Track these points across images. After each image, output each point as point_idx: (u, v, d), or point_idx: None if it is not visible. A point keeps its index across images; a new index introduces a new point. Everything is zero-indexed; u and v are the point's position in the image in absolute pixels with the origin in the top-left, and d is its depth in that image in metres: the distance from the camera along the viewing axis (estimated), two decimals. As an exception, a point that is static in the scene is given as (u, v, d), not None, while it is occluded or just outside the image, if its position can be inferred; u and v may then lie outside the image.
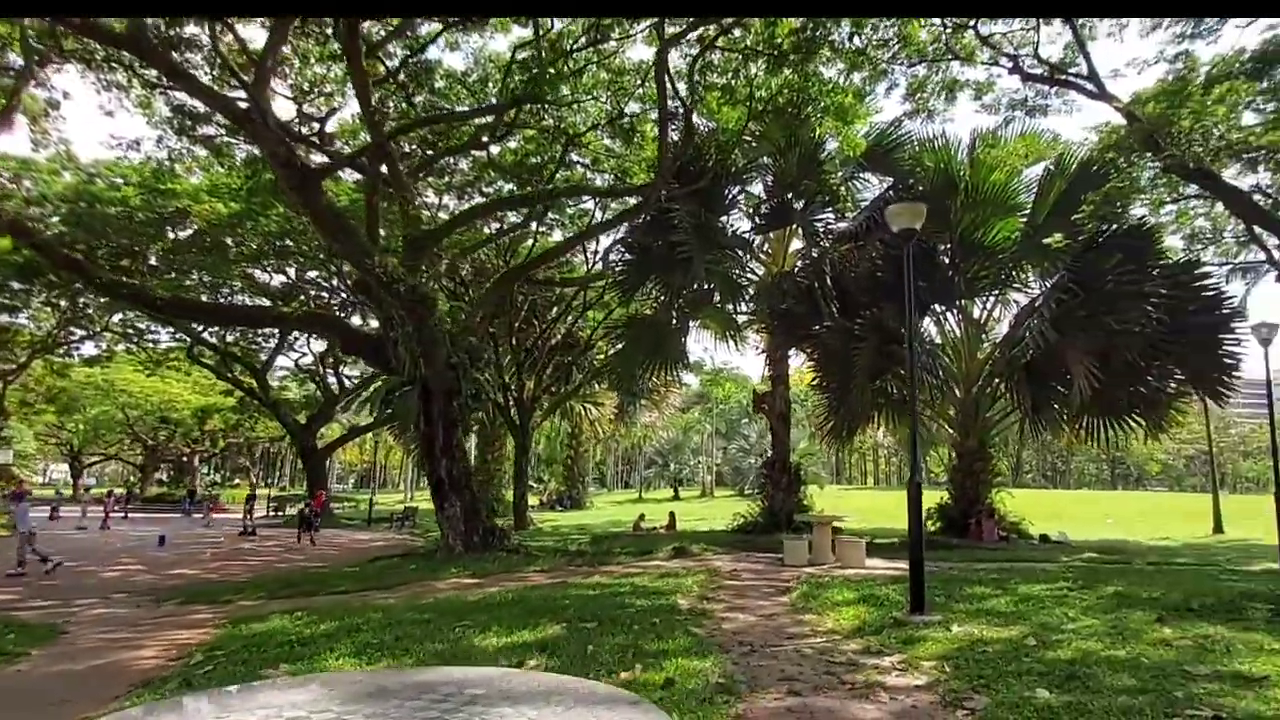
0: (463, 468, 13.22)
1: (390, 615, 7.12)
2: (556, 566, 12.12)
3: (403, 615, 7.05)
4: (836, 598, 8.08)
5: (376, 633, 6.21)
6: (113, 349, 40.88)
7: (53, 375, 42.07)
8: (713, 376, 43.29)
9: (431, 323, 12.34)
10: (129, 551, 17.82)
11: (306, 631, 6.54)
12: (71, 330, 37.34)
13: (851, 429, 19.28)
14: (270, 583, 11.16)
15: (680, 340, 21.36)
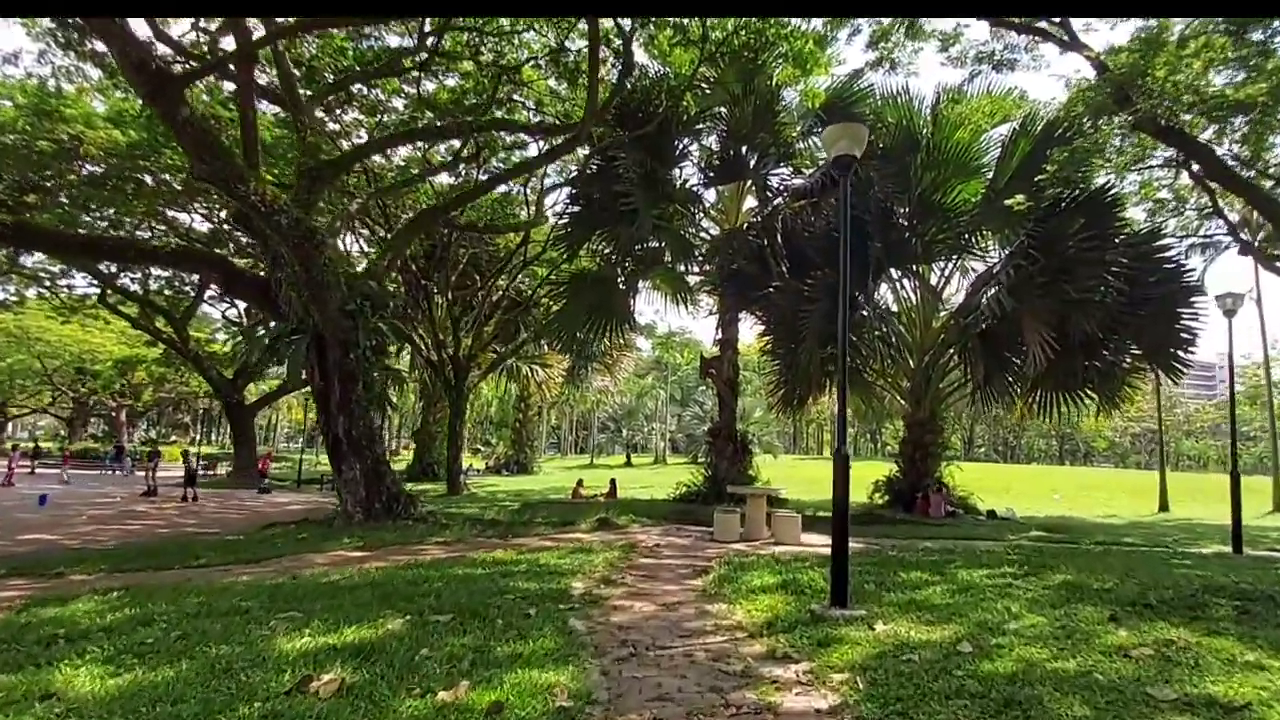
0: (363, 427, 12.01)
1: (209, 601, 5.97)
2: (462, 538, 11.05)
3: (221, 602, 5.91)
4: (755, 582, 7.15)
5: (169, 627, 5.07)
6: (22, 293, 38.32)
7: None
8: (664, 340, 42.34)
9: (322, 262, 11.02)
10: (13, 509, 16.33)
11: (92, 622, 5.37)
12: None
13: (802, 397, 18.44)
14: (127, 553, 9.89)
15: (627, 300, 20.21)
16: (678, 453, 62.74)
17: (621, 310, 19.97)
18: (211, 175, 9.83)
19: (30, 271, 35.94)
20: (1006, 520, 17.11)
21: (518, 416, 42.00)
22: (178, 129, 9.71)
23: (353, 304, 11.46)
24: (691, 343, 49.06)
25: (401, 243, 13.70)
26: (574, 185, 19.65)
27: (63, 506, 17.81)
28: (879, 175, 16.20)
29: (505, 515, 14.49)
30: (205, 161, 9.77)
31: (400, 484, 12.70)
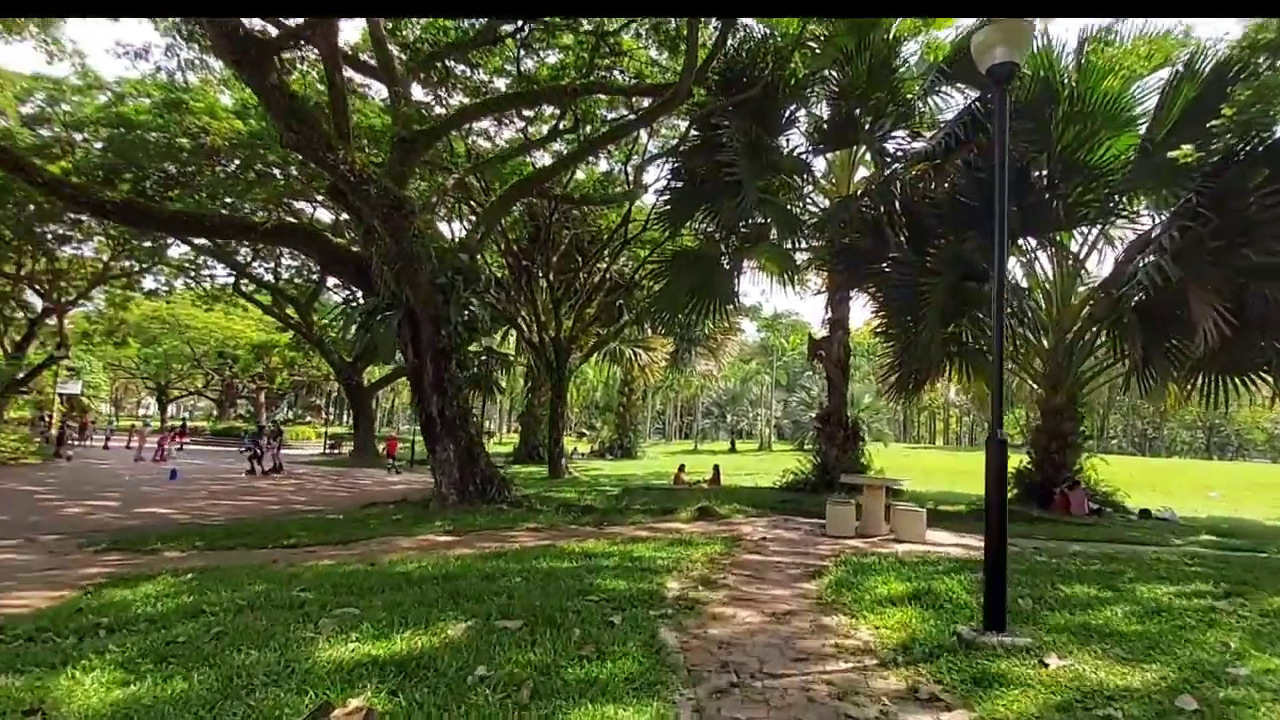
0: (457, 406, 11.50)
1: (270, 591, 5.39)
2: (554, 525, 10.34)
3: (281, 593, 5.30)
4: (880, 590, 5.99)
5: (214, 622, 4.47)
6: (171, 283, 40.97)
7: (114, 307, 42.46)
8: (770, 323, 40.72)
9: (411, 234, 10.50)
10: (132, 485, 16.97)
11: (144, 610, 4.87)
12: (132, 263, 37.28)
13: (919, 381, 16.76)
14: (227, 530, 9.72)
15: (731, 279, 19.04)
16: (783, 439, 60.91)
17: (725, 290, 18.81)
18: (299, 143, 9.49)
19: (176, 262, 38.40)
20: (1165, 521, 14.95)
21: (621, 401, 41.54)
22: (266, 96, 9.40)
23: (443, 277, 10.93)
24: (798, 324, 47.18)
25: (495, 215, 13.09)
26: (675, 158, 18.61)
27: (190, 481, 18.48)
28: (1012, 132, 14.33)
29: (602, 501, 13.75)
30: (293, 129, 9.42)
31: (495, 466, 12.15)
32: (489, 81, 20.15)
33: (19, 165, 10.56)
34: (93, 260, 36.74)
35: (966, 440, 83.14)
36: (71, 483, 16.57)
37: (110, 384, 71.12)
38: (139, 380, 72.87)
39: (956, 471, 28.54)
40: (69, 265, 36.64)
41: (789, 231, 18.02)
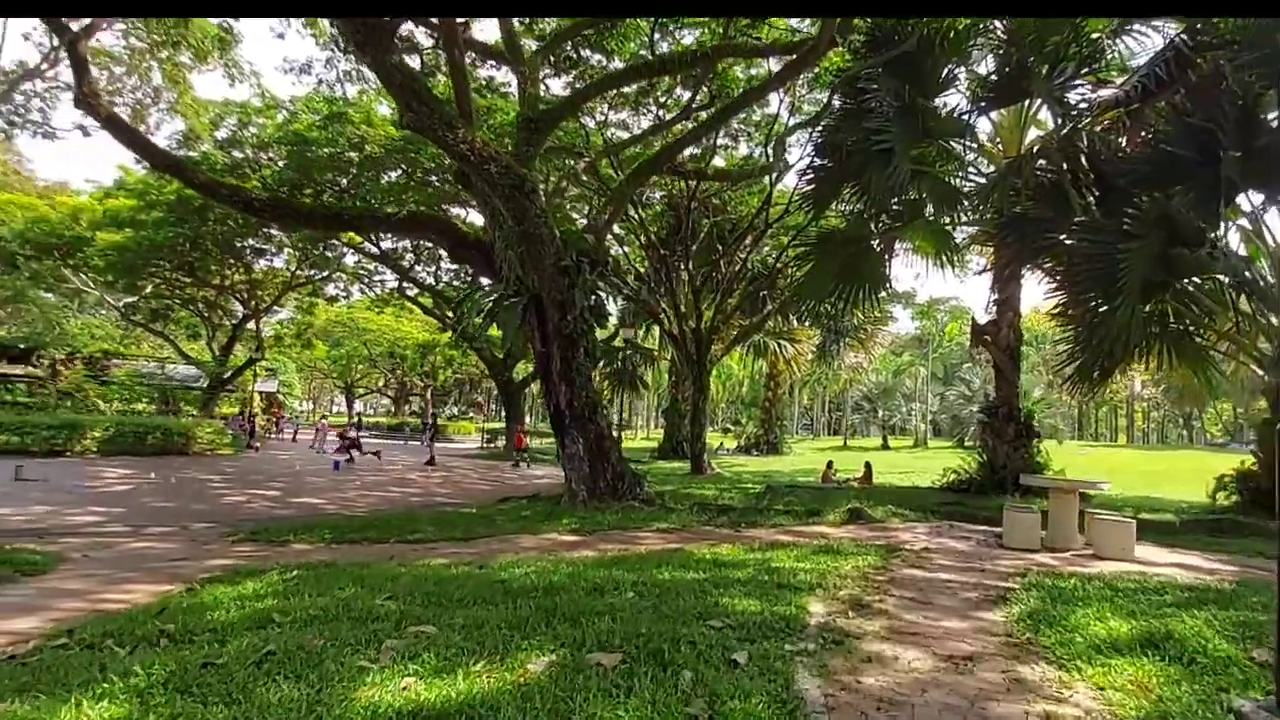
0: (586, 397, 10.76)
1: (356, 598, 4.71)
2: (686, 526, 9.34)
3: (367, 601, 4.61)
4: (1093, 628, 4.50)
5: (276, 637, 3.81)
6: (349, 289, 43.91)
7: (301, 313, 46.07)
8: (925, 310, 37.59)
9: (534, 214, 9.83)
10: (298, 475, 17.68)
11: (222, 616, 4.34)
12: (313, 271, 40.21)
13: (1107, 368, 14.16)
14: (359, 522, 9.47)
15: (882, 263, 17.21)
16: (940, 435, 56.62)
17: (875, 275, 16.95)
18: (420, 123, 9.08)
19: (352, 270, 41.10)
20: None
21: (767, 395, 39.88)
22: (386, 76, 9.08)
23: (568, 260, 10.22)
24: (957, 310, 43.13)
25: (625, 194, 12.24)
26: (818, 133, 17.04)
27: (349, 472, 19.15)
28: (1231, 66, 11.73)
29: (742, 500, 12.60)
30: (413, 110, 9.03)
31: (626, 461, 11.32)
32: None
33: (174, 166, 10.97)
34: (283, 271, 40.02)
35: (1155, 438, 74.11)
36: (246, 472, 17.52)
37: (304, 383, 77.90)
38: (329, 379, 79.47)
39: (1151, 473, 24.88)
40: (264, 276, 40.14)
41: (947, 205, 15.93)
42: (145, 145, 11.07)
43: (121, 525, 9.02)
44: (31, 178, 42.95)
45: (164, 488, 13.02)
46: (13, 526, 8.58)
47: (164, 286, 38.40)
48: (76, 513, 9.78)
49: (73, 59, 10.45)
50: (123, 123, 11.50)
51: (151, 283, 37.24)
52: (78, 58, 10.42)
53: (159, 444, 20.68)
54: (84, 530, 8.62)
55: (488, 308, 10.91)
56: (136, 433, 20.30)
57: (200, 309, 41.75)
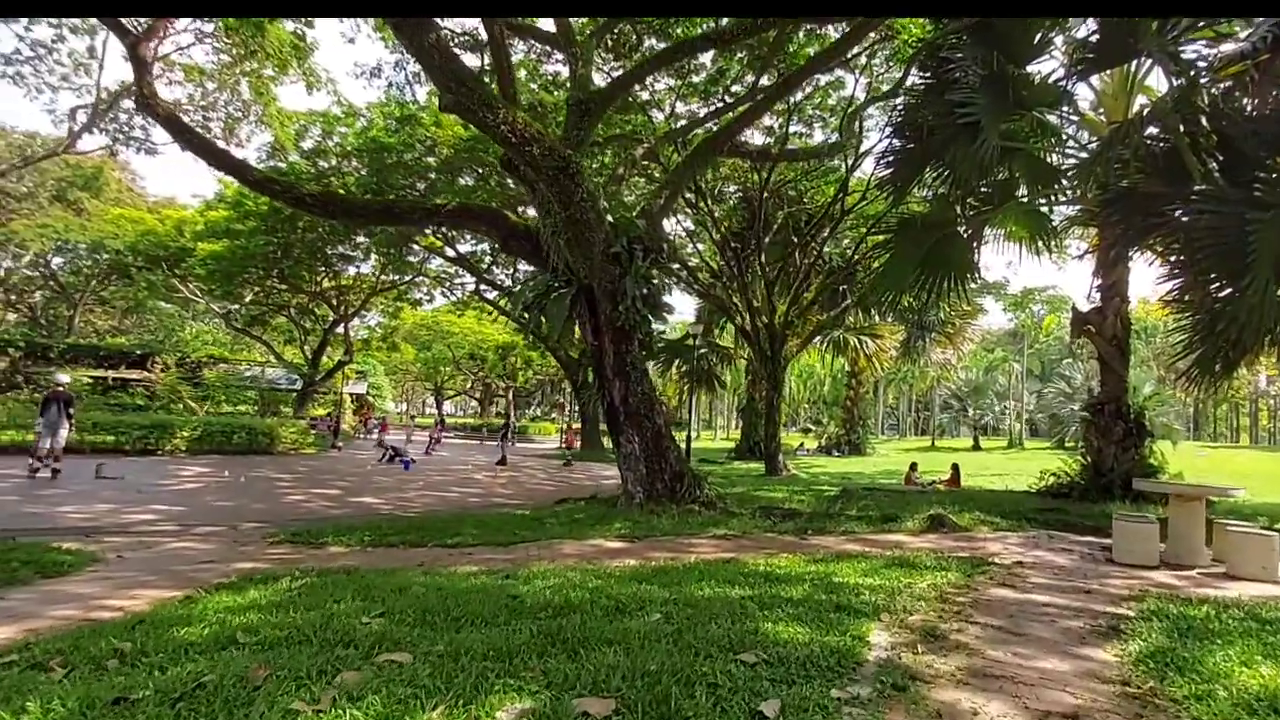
0: (642, 393, 10.06)
1: (339, 617, 4.13)
2: (746, 532, 8.50)
3: (349, 622, 4.01)
4: (1245, 678, 3.49)
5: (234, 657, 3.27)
6: (431, 293, 44.78)
7: (387, 317, 47.30)
8: (1019, 300, 35.17)
9: (580, 198, 9.20)
10: (366, 474, 17.69)
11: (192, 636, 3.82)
12: (397, 276, 41.17)
13: (1231, 360, 12.48)
14: (403, 524, 9.05)
15: (970, 250, 15.82)
16: (1037, 436, 53.16)
17: (962, 262, 15.54)
18: (458, 105, 8.62)
19: (434, 273, 41.92)
20: None
21: (848, 394, 38.22)
22: (424, 58, 8.66)
23: (619, 246, 9.54)
24: (1056, 299, 39.81)
25: (682, 177, 11.44)
26: (896, 112, 15.83)
27: (418, 470, 19.12)
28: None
29: (814, 503, 11.63)
30: (452, 90, 8.56)
31: (686, 461, 10.56)
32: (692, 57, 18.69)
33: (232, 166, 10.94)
34: (369, 277, 41.15)
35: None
36: (318, 471, 17.66)
37: (393, 385, 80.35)
38: (419, 381, 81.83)
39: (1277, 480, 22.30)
40: (352, 282, 41.37)
41: (1042, 184, 14.44)
42: (204, 145, 11.11)
43: (173, 524, 8.92)
44: (143, 194, 45.64)
45: (232, 486, 13.10)
46: (68, 524, 8.58)
47: (260, 293, 40.08)
48: (136, 511, 9.79)
49: (133, 60, 10.57)
50: (181, 123, 11.60)
51: (250, 290, 38.96)
52: (138, 59, 10.53)
53: (244, 443, 21.23)
54: (133, 529, 8.53)
55: (534, 299, 10.37)
56: (223, 432, 20.90)
57: (293, 314, 43.40)
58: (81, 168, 40.48)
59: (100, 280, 46.18)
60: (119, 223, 38.71)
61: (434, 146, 21.49)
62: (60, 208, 39.02)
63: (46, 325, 48.06)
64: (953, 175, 14.79)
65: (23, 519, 8.65)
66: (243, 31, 18.46)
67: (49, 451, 12.93)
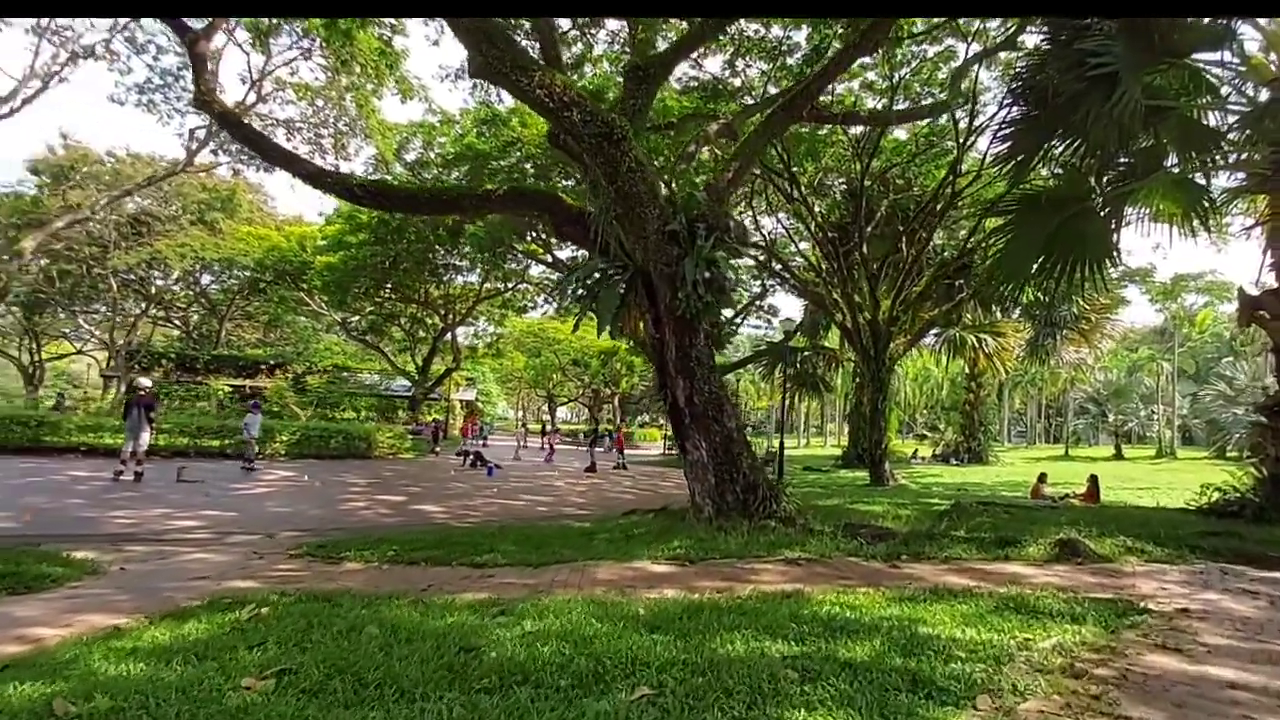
0: (709, 392, 8.81)
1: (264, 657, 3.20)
2: (825, 555, 7.08)
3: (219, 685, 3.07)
4: None
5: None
6: (534, 299, 45.01)
7: (494, 324, 48.00)
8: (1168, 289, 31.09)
9: (628, 168, 8.07)
10: (442, 480, 17.29)
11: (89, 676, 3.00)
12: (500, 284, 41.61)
13: None
14: (434, 538, 8.14)
15: (1108, 230, 13.49)
16: (1191, 444, 47.28)
17: (1098, 244, 13.23)
18: (488, 68, 7.75)
19: (536, 281, 42.08)
20: None
21: (968, 397, 35.11)
22: (453, 20, 7.86)
23: (676, 223, 8.34)
24: (1214, 287, 34.54)
25: (755, 147, 10.01)
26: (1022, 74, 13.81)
27: (501, 476, 18.59)
28: None
29: (917, 520, 9.96)
30: (482, 53, 7.70)
31: (760, 471, 9.20)
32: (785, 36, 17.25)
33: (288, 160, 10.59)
34: (474, 286, 41.84)
35: None
36: (398, 477, 17.41)
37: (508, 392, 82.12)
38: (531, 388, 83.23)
39: None
40: (459, 291, 42.17)
41: (1197, 149, 12.03)
42: (259, 141, 10.90)
43: (210, 532, 8.50)
44: (273, 213, 48.44)
45: (304, 491, 12.84)
46: (108, 531, 8.31)
47: (374, 303, 41.51)
48: (185, 517, 9.51)
49: (192, 58, 10.48)
50: (236, 119, 11.46)
51: (369, 301, 40.44)
52: (196, 57, 10.42)
53: (341, 448, 21.49)
54: (166, 536, 8.15)
55: (584, 288, 9.33)
56: (320, 437, 21.25)
57: (403, 324, 44.74)
58: (218, 191, 43.35)
59: (242, 296, 49.40)
60: (248, 240, 41.09)
61: (520, 145, 21.09)
62: (200, 229, 41.88)
63: (199, 339, 51.81)
64: (1084, 143, 12.62)
65: (67, 524, 8.47)
66: (333, 42, 18.65)
67: (131, 454, 13.15)
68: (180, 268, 43.47)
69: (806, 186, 23.04)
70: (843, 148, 21.68)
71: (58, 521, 8.54)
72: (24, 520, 8.43)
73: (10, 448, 16.69)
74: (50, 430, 17.37)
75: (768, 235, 28.92)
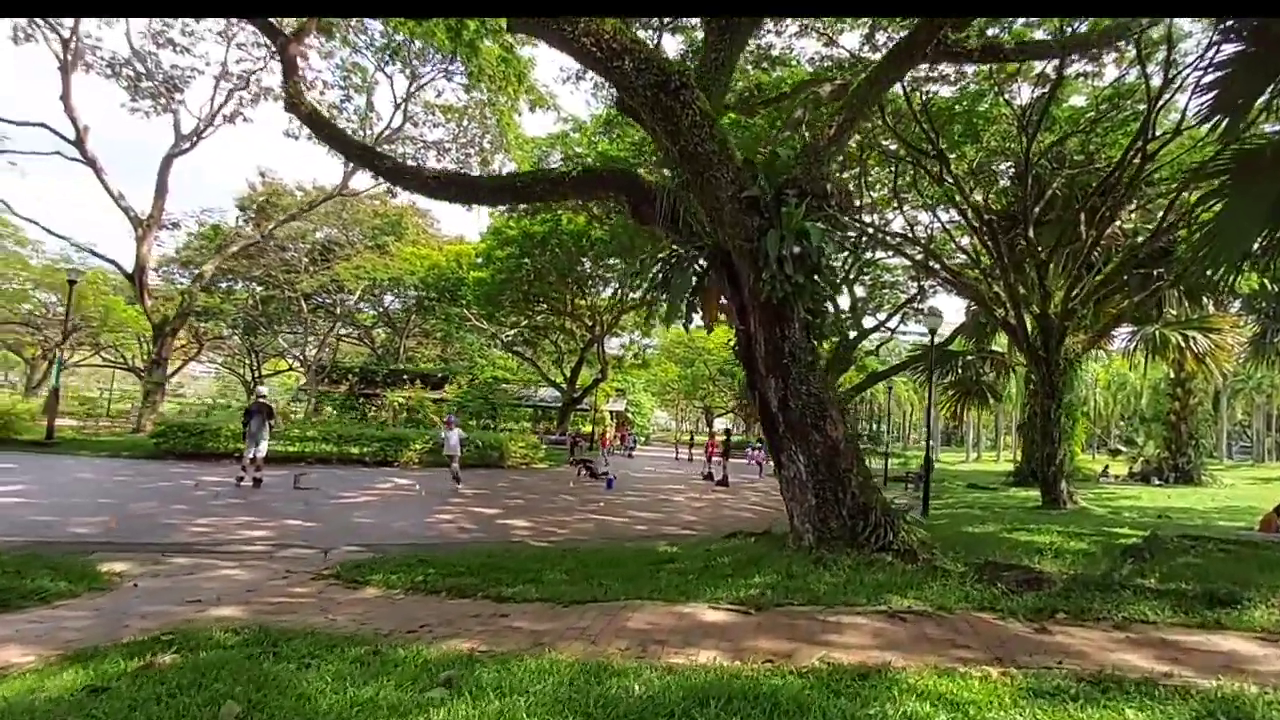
0: (807, 395, 7.19)
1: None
2: (945, 606, 5.29)
3: None
4: None
5: None
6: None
7: (643, 333, 47.63)
8: None
9: (691, 123, 6.61)
10: (552, 492, 16.55)
11: None
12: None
13: None
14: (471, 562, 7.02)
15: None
16: None
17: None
18: (524, 24, 6.72)
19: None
20: None
21: (1173, 406, 29.79)
22: None
23: (755, 188, 6.81)
24: None
25: (865, 98, 8.09)
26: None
27: (619, 488, 17.64)
28: None
29: (1088, 559, 7.70)
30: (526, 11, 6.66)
31: (874, 491, 7.42)
32: None
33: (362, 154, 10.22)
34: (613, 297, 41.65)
35: None
36: (512, 487, 16.92)
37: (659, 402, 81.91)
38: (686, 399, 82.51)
39: None
40: (608, 302, 42.18)
41: None
42: (340, 138, 10.69)
43: (269, 544, 8.07)
44: (437, 235, 51.19)
45: (405, 501, 12.42)
46: (171, 539, 8.11)
47: (525, 316, 42.51)
48: (264, 526, 9.22)
49: (283, 61, 10.47)
50: (321, 118, 11.38)
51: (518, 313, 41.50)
52: (288, 60, 10.39)
53: (473, 457, 21.43)
54: (223, 547, 7.80)
55: (656, 271, 7.99)
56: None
57: (549, 334, 45.47)
58: (387, 216, 46.43)
59: (417, 313, 52.61)
60: (411, 260, 43.54)
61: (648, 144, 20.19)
62: (373, 252, 45.01)
63: (382, 356, 55.73)
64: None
65: (144, 531, 8.39)
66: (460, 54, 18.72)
67: (251, 461, 13.45)
68: (356, 289, 46.89)
69: (966, 172, 20.37)
70: (1007, 122, 18.86)
71: (138, 529, 8.49)
72: (109, 527, 8.48)
73: (176, 453, 18.05)
74: (211, 437, 18.60)
75: (926, 228, 26.15)
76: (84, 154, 23.07)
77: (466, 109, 28.29)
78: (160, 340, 25.04)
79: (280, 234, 43.40)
